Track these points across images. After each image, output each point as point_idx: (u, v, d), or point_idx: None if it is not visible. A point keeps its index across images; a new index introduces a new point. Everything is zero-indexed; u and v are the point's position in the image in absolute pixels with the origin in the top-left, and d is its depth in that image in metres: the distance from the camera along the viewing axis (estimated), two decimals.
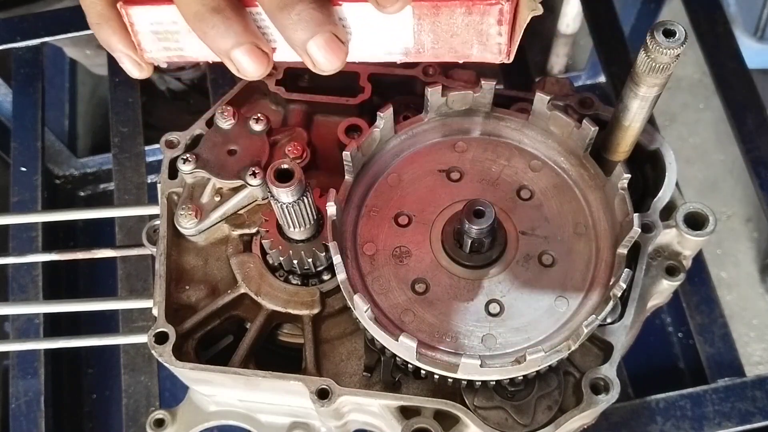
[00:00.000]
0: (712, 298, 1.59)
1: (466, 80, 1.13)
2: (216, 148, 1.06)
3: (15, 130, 1.60)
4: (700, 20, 1.56)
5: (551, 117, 1.01)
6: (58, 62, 2.33)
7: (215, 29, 0.75)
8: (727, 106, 1.48)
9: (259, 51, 0.78)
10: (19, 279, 1.44)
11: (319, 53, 0.76)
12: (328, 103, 1.13)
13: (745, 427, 1.20)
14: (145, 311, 1.32)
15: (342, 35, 0.77)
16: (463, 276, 0.96)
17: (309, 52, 0.76)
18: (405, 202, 1.01)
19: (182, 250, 1.08)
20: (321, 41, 0.75)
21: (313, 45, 0.75)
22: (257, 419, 1.14)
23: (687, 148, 2.65)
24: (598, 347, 0.99)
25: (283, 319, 1.04)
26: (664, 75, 0.85)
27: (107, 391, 1.96)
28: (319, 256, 1.01)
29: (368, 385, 0.99)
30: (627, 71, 0.89)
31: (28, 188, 1.54)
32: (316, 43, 0.75)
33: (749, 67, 1.51)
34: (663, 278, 1.08)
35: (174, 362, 0.97)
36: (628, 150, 1.00)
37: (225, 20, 0.75)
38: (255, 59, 0.78)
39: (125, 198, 1.48)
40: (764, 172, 1.41)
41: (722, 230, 2.53)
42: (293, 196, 0.90)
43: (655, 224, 1.03)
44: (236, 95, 1.13)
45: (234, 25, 0.75)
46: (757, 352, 2.38)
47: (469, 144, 1.05)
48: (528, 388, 0.95)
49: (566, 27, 2.26)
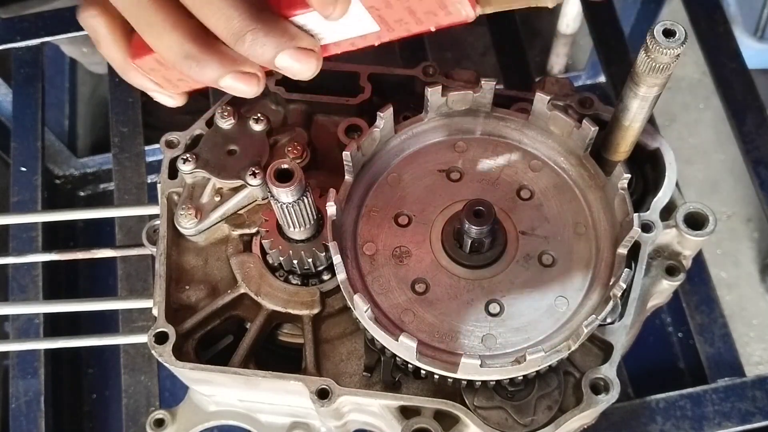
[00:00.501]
0: (712, 298, 1.59)
1: (466, 80, 1.13)
2: (216, 148, 1.06)
3: (15, 130, 1.60)
4: (700, 20, 1.56)
5: (551, 117, 1.01)
6: (58, 62, 2.33)
7: (192, 71, 0.81)
8: (727, 106, 1.48)
9: (243, 75, 0.83)
10: (19, 279, 1.44)
11: (290, 66, 0.80)
12: (328, 103, 1.14)
13: (745, 427, 1.20)
14: (145, 311, 1.32)
15: (307, 42, 0.80)
16: (463, 276, 0.96)
17: (280, 67, 0.80)
18: (405, 202, 1.01)
19: (182, 250, 1.08)
20: (286, 57, 0.79)
21: (281, 61, 0.79)
22: (257, 419, 1.14)
23: (687, 148, 2.65)
24: (598, 347, 0.99)
25: (283, 319, 1.04)
26: (664, 75, 0.85)
27: (107, 391, 1.96)
28: (319, 256, 1.01)
29: (368, 385, 0.99)
30: (627, 71, 0.89)
31: (28, 188, 1.54)
32: (281, 61, 0.79)
33: (749, 67, 1.51)
34: (663, 278, 1.08)
35: (174, 362, 0.97)
36: (628, 150, 1.00)
37: (198, 63, 0.81)
38: (242, 83, 0.83)
39: (125, 198, 1.48)
40: (764, 172, 1.41)
41: (722, 230, 2.52)
42: (293, 196, 0.90)
43: (655, 224, 1.03)
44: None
45: (209, 62, 0.81)
46: (757, 352, 2.38)
47: (469, 144, 1.05)
48: (528, 388, 0.95)
49: (566, 27, 2.26)
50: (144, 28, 0.81)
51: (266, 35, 0.77)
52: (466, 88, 1.03)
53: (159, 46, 0.81)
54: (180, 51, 0.80)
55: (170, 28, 0.79)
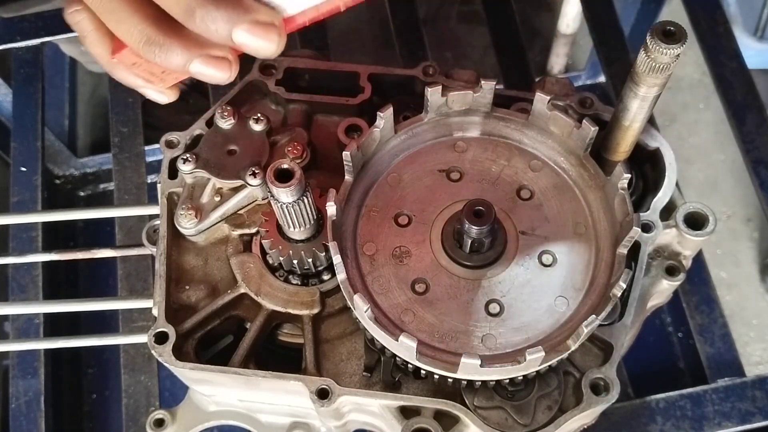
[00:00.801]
0: (712, 298, 1.59)
1: (466, 80, 1.13)
2: (216, 148, 1.06)
3: (15, 130, 1.60)
4: (700, 20, 1.56)
5: (551, 117, 1.01)
6: (58, 62, 2.34)
7: (158, 57, 0.80)
8: (727, 106, 1.48)
9: (212, 59, 0.80)
10: (19, 279, 1.45)
11: (249, 42, 0.77)
12: (328, 103, 1.14)
13: (745, 427, 1.20)
14: (145, 311, 1.33)
15: (265, 15, 0.77)
16: (463, 276, 0.96)
17: (238, 44, 0.77)
18: (405, 202, 1.01)
19: (182, 250, 1.08)
20: (242, 32, 0.76)
21: (238, 38, 0.76)
22: (257, 419, 1.14)
23: (687, 148, 2.65)
24: (598, 347, 0.99)
25: (283, 319, 1.04)
26: (664, 75, 0.85)
27: (107, 391, 1.97)
28: (319, 256, 1.01)
29: (368, 385, 0.99)
30: (627, 71, 0.89)
31: (28, 188, 1.54)
32: (239, 37, 0.76)
33: (749, 67, 1.51)
34: (663, 278, 1.08)
35: (174, 362, 0.97)
36: (628, 150, 1.00)
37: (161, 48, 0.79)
38: (212, 68, 0.81)
39: (125, 198, 1.48)
40: (764, 172, 1.41)
41: (722, 230, 2.52)
42: (293, 196, 0.90)
43: (655, 224, 1.03)
44: (236, 95, 1.13)
45: (172, 47, 0.79)
46: (757, 352, 2.38)
47: (469, 144, 1.05)
48: (528, 388, 0.95)
49: (566, 27, 2.26)
50: (106, 16, 0.80)
51: (217, 8, 0.74)
52: (466, 88, 1.03)
53: (121, 32, 0.79)
54: (141, 36, 0.78)
55: (130, 13, 0.78)
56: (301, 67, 1.16)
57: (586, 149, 1.00)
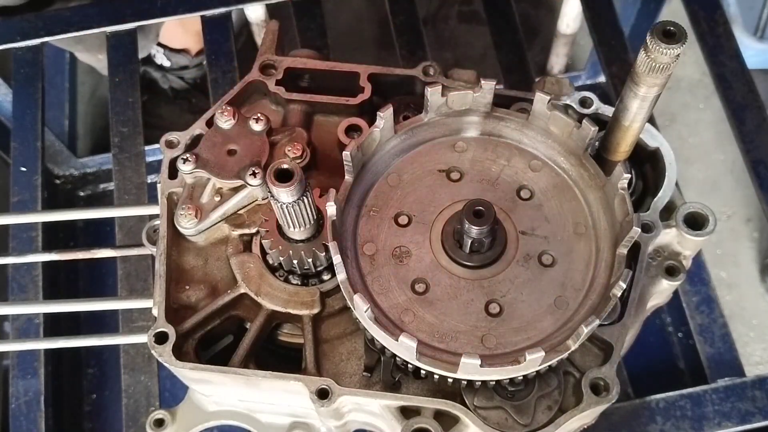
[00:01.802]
0: (712, 298, 1.59)
1: (466, 80, 1.13)
2: (216, 148, 1.06)
3: (15, 130, 1.60)
4: (700, 20, 1.56)
5: (551, 117, 1.01)
6: (58, 62, 2.34)
7: None
8: (727, 106, 1.48)
9: None
10: (19, 279, 1.45)
11: None
12: (328, 103, 1.14)
13: (745, 427, 1.20)
14: (145, 311, 1.33)
15: None
16: (463, 276, 0.96)
17: None
18: (405, 202, 1.01)
19: (182, 250, 1.08)
20: None
21: None
22: (257, 419, 1.14)
23: (687, 148, 2.65)
24: (598, 347, 0.99)
25: (283, 319, 1.04)
26: (664, 75, 0.85)
27: (107, 391, 1.97)
28: (319, 256, 1.01)
29: (368, 385, 0.99)
30: (627, 71, 0.89)
31: (28, 188, 1.54)
32: None
33: (749, 67, 1.52)
34: (663, 278, 1.08)
35: (174, 362, 0.97)
36: (628, 150, 1.00)
37: None
38: None
39: (125, 198, 1.48)
40: (764, 172, 1.41)
41: (722, 230, 2.52)
42: (293, 196, 0.90)
43: (655, 224, 1.03)
44: (236, 95, 1.13)
45: None
46: (757, 352, 2.38)
47: (469, 144, 1.05)
48: (528, 388, 0.95)
49: (566, 27, 2.26)
50: None
51: None
52: (466, 88, 1.03)
53: None
54: None
55: None
56: (301, 67, 1.16)
57: (586, 149, 1.00)
